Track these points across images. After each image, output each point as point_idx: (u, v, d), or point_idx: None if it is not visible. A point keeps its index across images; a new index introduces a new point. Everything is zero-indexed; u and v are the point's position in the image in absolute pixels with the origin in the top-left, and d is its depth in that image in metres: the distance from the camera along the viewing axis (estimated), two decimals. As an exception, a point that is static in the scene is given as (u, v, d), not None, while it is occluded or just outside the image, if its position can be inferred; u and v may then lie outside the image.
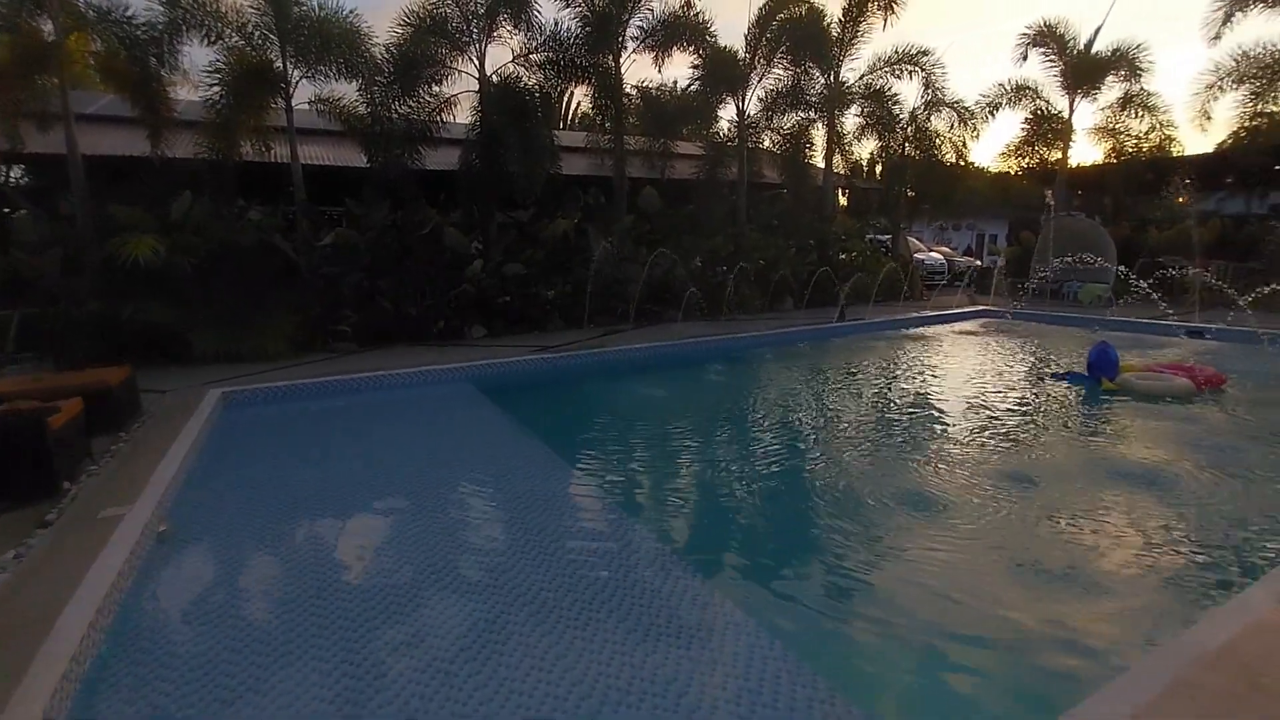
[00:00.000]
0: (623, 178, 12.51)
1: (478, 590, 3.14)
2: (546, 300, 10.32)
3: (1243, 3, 12.42)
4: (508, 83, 10.79)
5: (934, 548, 3.52)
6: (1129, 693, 1.83)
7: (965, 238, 30.90)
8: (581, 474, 4.94)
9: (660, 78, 13.49)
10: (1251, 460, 4.71)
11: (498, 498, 4.50)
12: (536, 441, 5.54)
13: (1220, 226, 14.83)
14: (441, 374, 7.40)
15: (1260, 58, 12.71)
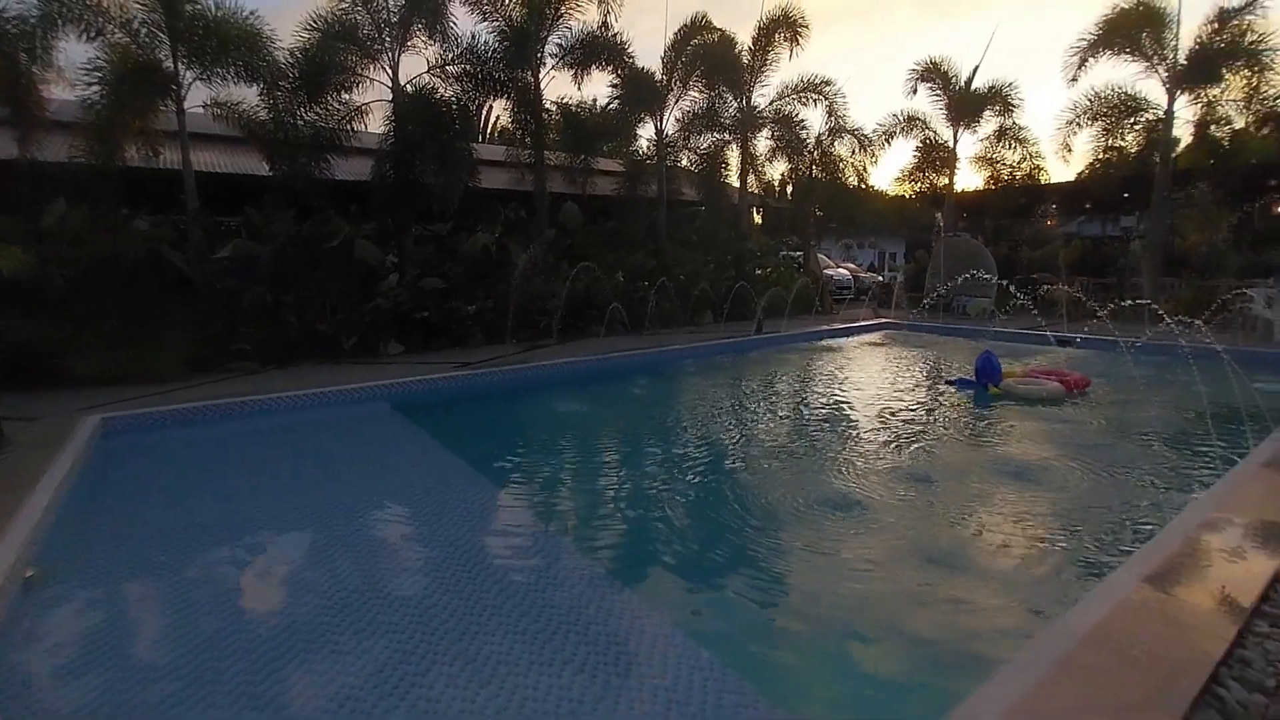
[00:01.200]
0: (544, 193, 12.51)
1: (395, 620, 2.97)
2: (467, 315, 10.09)
3: (1094, 49, 14.11)
4: (424, 93, 10.56)
5: (849, 546, 3.73)
6: (1021, 675, 1.99)
7: (869, 255, 33.00)
8: (506, 493, 4.86)
9: (580, 95, 13.80)
10: (1114, 454, 5.31)
11: (416, 521, 4.34)
12: (458, 461, 5.40)
13: (1081, 247, 16.69)
14: (354, 393, 7.04)
15: (1109, 98, 14.47)
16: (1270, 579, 2.57)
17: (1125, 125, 14.46)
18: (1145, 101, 13.95)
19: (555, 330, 10.42)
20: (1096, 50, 14.01)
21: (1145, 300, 8.85)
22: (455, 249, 11.20)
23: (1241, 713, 1.87)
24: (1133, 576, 2.60)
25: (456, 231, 11.67)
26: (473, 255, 11.10)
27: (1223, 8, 12.66)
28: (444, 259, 10.89)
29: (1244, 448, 4.75)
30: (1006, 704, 1.82)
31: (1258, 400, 6.05)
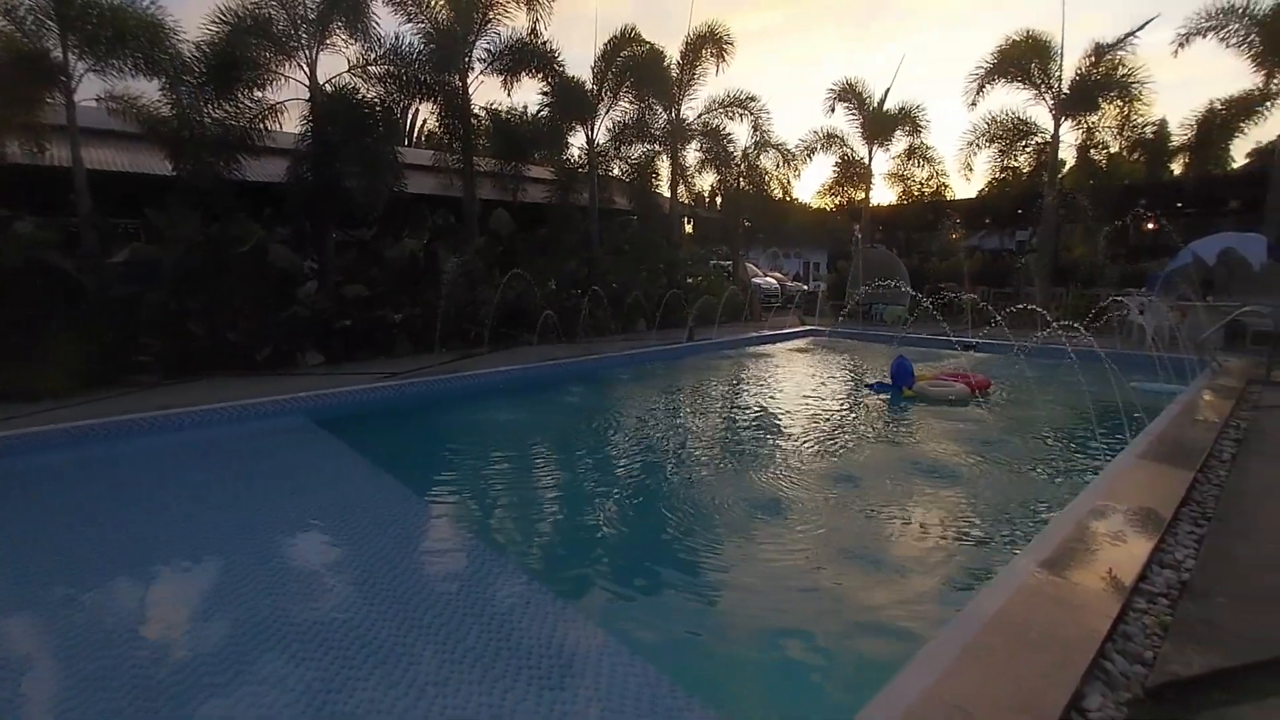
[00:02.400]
0: (473, 199, 12.30)
1: (317, 647, 2.79)
2: (393, 323, 9.75)
3: (991, 77, 15.35)
4: (344, 94, 10.15)
5: (780, 545, 3.87)
6: (933, 661, 2.13)
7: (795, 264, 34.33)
8: (436, 507, 4.72)
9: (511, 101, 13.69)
10: (1011, 450, 5.78)
11: (338, 542, 4.12)
12: (384, 475, 5.19)
13: (982, 259, 18.04)
14: (269, 406, 6.65)
15: (1004, 122, 15.77)
16: (1147, 560, 2.89)
17: (1018, 147, 15.80)
18: (1035, 126, 15.31)
19: (487, 339, 10.24)
20: (993, 77, 15.25)
21: (1037, 308, 9.70)
22: (380, 255, 10.82)
23: (1124, 683, 2.09)
24: (1030, 562, 2.84)
25: (381, 237, 11.28)
26: (399, 261, 10.76)
27: (1098, 43, 14.09)
28: (368, 265, 10.49)
29: (1123, 441, 5.28)
30: (921, 689, 1.95)
31: (1134, 398, 6.75)
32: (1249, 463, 4.46)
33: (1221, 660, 2.17)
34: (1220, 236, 11.19)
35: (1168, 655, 2.21)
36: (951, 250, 18.74)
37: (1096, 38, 14.24)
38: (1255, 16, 12.54)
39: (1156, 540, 3.08)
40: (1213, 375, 7.83)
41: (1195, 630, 2.36)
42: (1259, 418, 5.78)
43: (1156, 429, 5.26)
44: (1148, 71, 13.76)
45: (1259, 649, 2.23)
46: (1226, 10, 12.82)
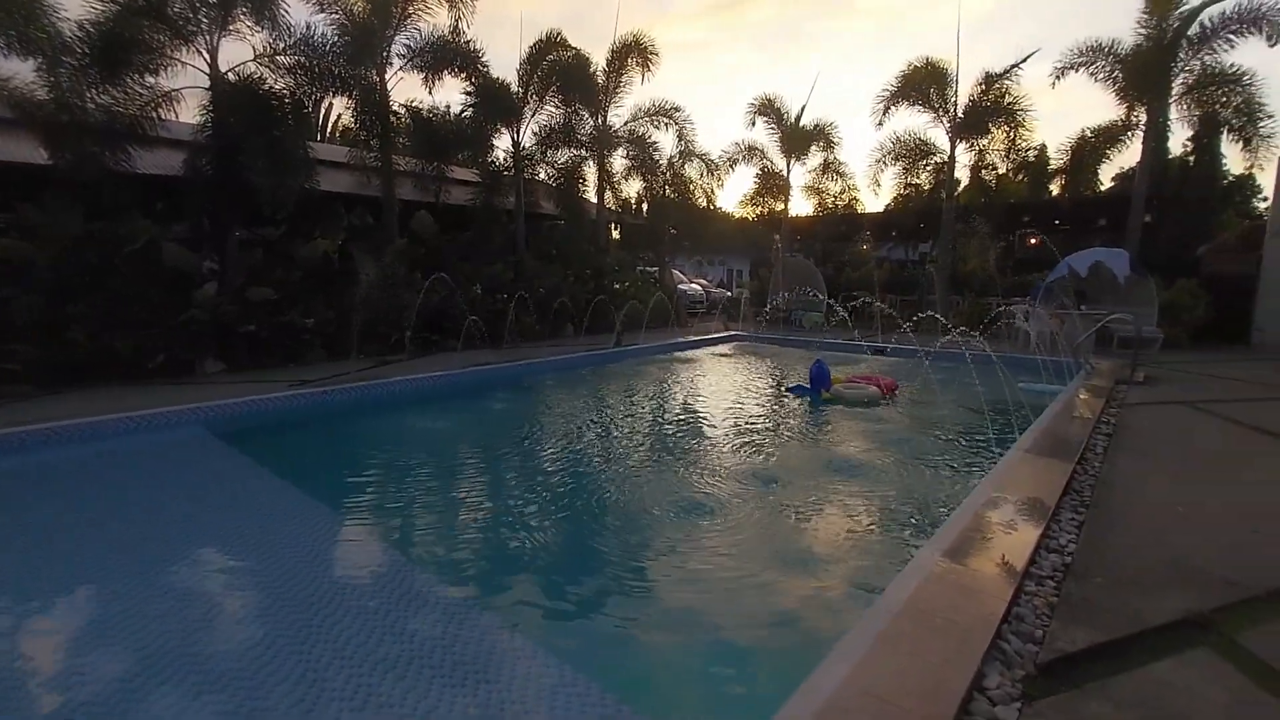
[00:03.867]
0: (392, 198, 11.84)
1: (220, 682, 2.57)
2: (305, 328, 9.22)
3: (895, 99, 16.43)
4: (249, 83, 9.52)
5: (705, 547, 3.95)
6: (851, 650, 2.24)
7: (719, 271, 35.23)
8: (352, 522, 4.46)
9: (432, 100, 13.31)
10: (918, 447, 6.20)
11: (242, 564, 3.84)
12: (295, 491, 4.88)
13: (890, 269, 19.22)
14: (160, 418, 6.06)
15: (908, 142, 16.93)
16: (1035, 546, 3.18)
17: (920, 166, 17.01)
18: (934, 146, 16.53)
19: (408, 344, 9.88)
20: (897, 100, 16.34)
21: (938, 315, 10.45)
22: (290, 255, 10.21)
23: (1019, 661, 2.29)
24: (934, 552, 3.06)
25: (292, 236, 10.64)
26: (311, 263, 10.19)
27: (988, 72, 15.40)
28: (276, 266, 9.87)
29: (1013, 436, 5.77)
30: (839, 679, 2.05)
31: (1021, 397, 7.39)
32: (1118, 455, 4.99)
33: (1101, 635, 2.42)
34: (1091, 251, 12.47)
35: (1055, 633, 2.44)
36: (863, 260, 19.86)
37: (987, 68, 15.60)
38: (1118, 54, 14.11)
39: (1043, 527, 3.39)
40: (1087, 376, 8.71)
41: (1078, 609, 2.63)
42: (1125, 414, 6.49)
43: (1040, 425, 5.78)
44: (1030, 100, 15.21)
45: (1131, 623, 2.51)
46: (1095, 48, 14.35)
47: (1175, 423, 6.27)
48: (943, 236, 16.44)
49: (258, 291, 9.00)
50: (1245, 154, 13.61)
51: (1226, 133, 14.06)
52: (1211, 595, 2.74)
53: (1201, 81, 13.55)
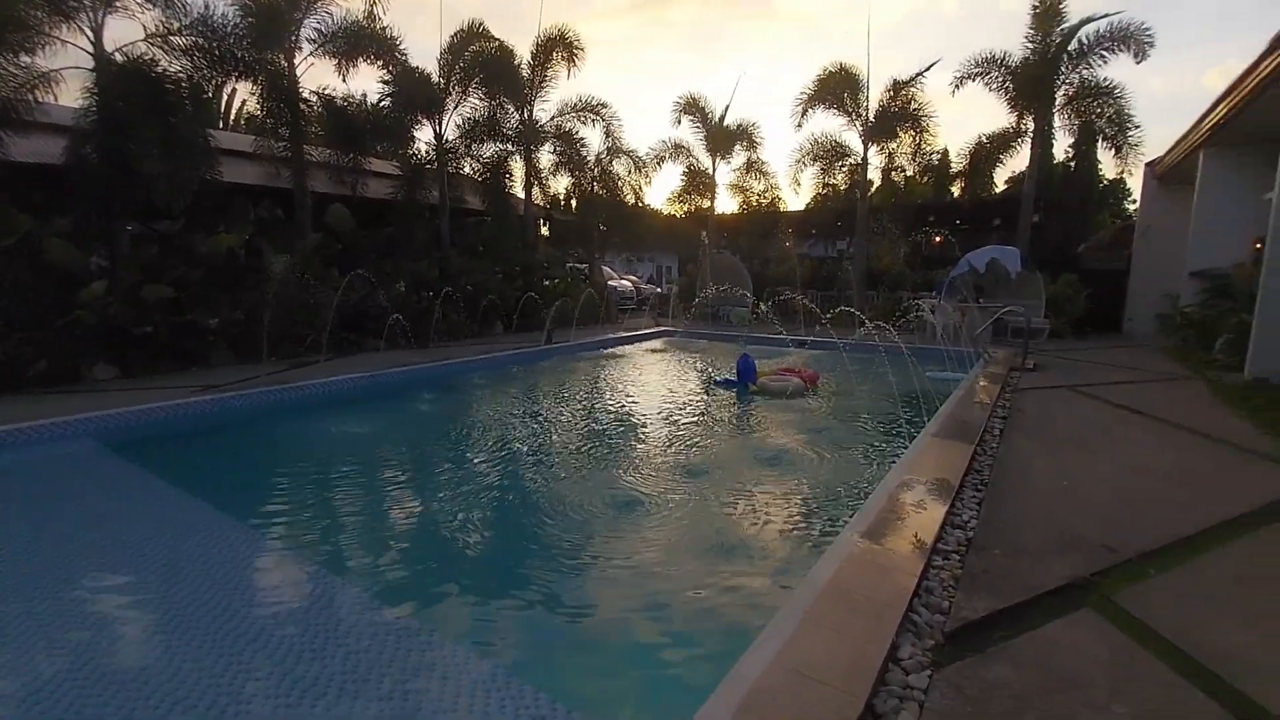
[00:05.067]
0: (304, 191, 11.23)
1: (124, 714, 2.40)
2: (209, 329, 8.60)
3: (813, 102, 17.11)
4: (140, 65, 8.74)
5: (637, 540, 4.03)
6: (779, 631, 2.36)
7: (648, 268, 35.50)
8: (266, 537, 4.19)
9: (347, 88, 12.66)
10: (839, 436, 6.54)
11: (142, 586, 3.54)
12: (200, 505, 4.53)
13: (811, 265, 20.03)
14: (43, 431, 5.49)
15: (825, 144, 17.68)
16: (942, 523, 3.44)
17: (836, 167, 17.80)
18: (849, 149, 17.33)
19: (325, 345, 9.41)
20: (814, 103, 17.01)
21: (854, 309, 11.02)
22: (191, 251, 9.47)
23: (929, 631, 2.49)
24: (853, 534, 3.26)
25: (192, 230, 9.88)
26: (215, 259, 9.50)
27: (896, 80, 16.30)
28: (175, 263, 9.13)
29: (922, 421, 6.20)
30: (767, 660, 2.16)
31: (929, 385, 7.94)
32: (1012, 436, 5.47)
33: (1000, 602, 2.67)
34: (988, 249, 13.50)
35: (960, 603, 2.68)
36: (785, 257, 20.59)
37: (896, 75, 16.51)
38: (1009, 66, 15.29)
39: (949, 506, 3.69)
40: (985, 364, 9.44)
41: (979, 579, 2.89)
42: (1018, 399, 7.10)
43: (946, 411, 6.24)
44: (933, 107, 16.24)
45: (1025, 590, 2.78)
46: (989, 60, 15.48)
47: (1060, 405, 6.92)
48: (858, 235, 17.31)
49: (154, 290, 8.31)
50: (1117, 160, 15.12)
51: (1101, 141, 15.54)
52: (1092, 560, 3.08)
53: (1080, 93, 14.92)
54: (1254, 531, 3.50)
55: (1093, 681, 2.16)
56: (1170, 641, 2.40)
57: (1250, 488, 4.16)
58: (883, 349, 8.35)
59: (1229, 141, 10.67)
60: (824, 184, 18.34)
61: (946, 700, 2.05)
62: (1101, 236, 17.61)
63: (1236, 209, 10.95)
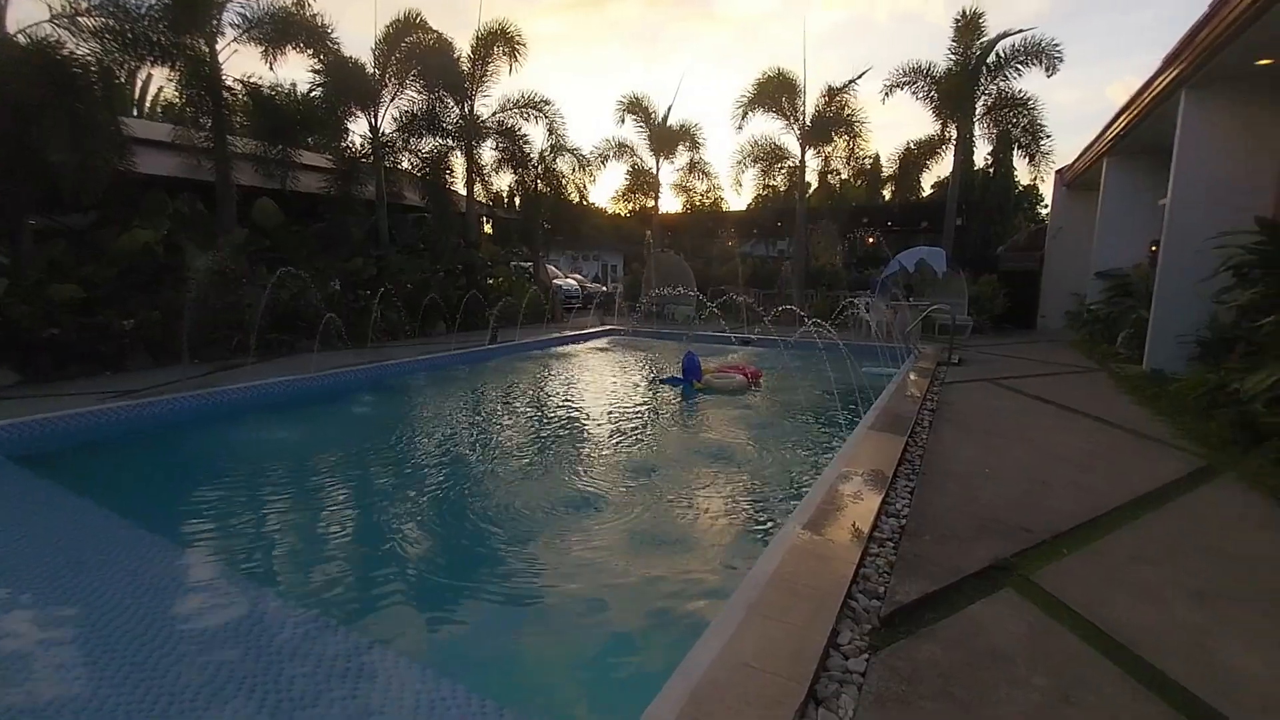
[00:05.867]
0: (229, 184, 10.64)
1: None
2: (123, 331, 8.03)
3: (752, 105, 17.50)
4: (44, 47, 8.05)
5: (587, 541, 4.04)
6: (727, 622, 2.43)
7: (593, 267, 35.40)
8: (192, 552, 3.96)
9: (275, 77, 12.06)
10: (781, 431, 6.76)
11: (56, 607, 3.29)
12: (117, 520, 4.25)
13: (753, 264, 20.51)
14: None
15: (764, 146, 18.12)
16: (877, 512, 3.63)
17: (776, 169, 18.28)
18: (787, 151, 17.83)
19: (253, 347, 8.95)
20: (754, 106, 17.41)
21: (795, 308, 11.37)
22: (103, 248, 8.82)
23: (866, 616, 2.62)
24: (795, 525, 3.39)
25: (104, 225, 9.19)
26: (130, 256, 8.88)
27: (831, 86, 16.88)
28: (85, 260, 8.48)
29: (859, 415, 6.47)
30: (714, 653, 2.22)
31: (865, 380, 8.29)
32: (940, 427, 5.80)
33: (930, 586, 2.84)
34: (916, 250, 14.19)
35: (894, 588, 2.83)
36: (728, 256, 20.99)
37: (830, 81, 17.11)
38: (933, 76, 16.08)
39: (883, 495, 3.88)
40: (915, 359, 9.94)
41: (912, 564, 3.06)
42: (945, 392, 7.52)
43: (880, 405, 6.54)
44: (866, 113, 16.94)
45: (952, 573, 2.97)
46: (915, 70, 16.24)
47: (982, 397, 7.37)
48: (797, 235, 17.84)
49: (61, 289, 7.70)
50: (1031, 167, 16.17)
51: (1017, 148, 16.58)
52: (1012, 542, 3.31)
53: (998, 103, 15.87)
54: (1153, 510, 3.85)
55: (1013, 656, 2.34)
56: (1082, 616, 2.62)
57: (1148, 470, 4.57)
58: (822, 346, 8.66)
59: (1128, 151, 11.60)
60: (764, 185, 18.81)
61: (882, 681, 2.18)
62: (1018, 239, 18.78)
63: (1135, 214, 11.93)
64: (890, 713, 2.02)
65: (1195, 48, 7.01)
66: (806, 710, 2.01)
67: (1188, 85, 7.79)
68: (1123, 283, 11.36)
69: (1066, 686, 2.16)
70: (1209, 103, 7.80)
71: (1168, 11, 66.64)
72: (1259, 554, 3.25)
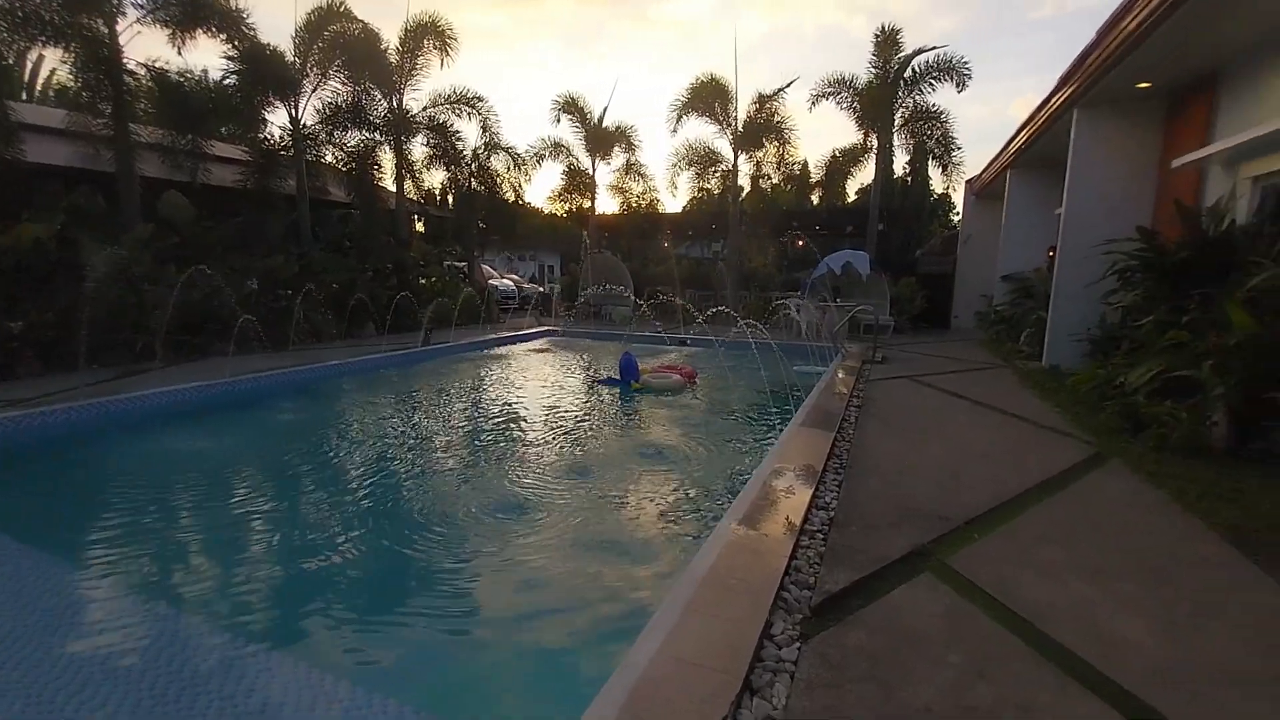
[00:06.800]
0: (132, 175, 9.87)
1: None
2: (11, 335, 7.29)
3: (686, 109, 17.78)
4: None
5: (526, 546, 3.98)
6: (663, 622, 2.46)
7: (530, 267, 34.93)
8: (91, 574, 3.66)
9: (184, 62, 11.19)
10: (717, 429, 6.91)
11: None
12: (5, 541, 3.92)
13: (689, 265, 20.82)
14: None
15: (698, 149, 18.44)
16: (808, 506, 3.78)
17: (710, 172, 18.65)
18: (721, 155, 18.22)
19: (160, 351, 8.33)
20: (688, 110, 17.70)
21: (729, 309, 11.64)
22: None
23: (798, 606, 2.73)
24: (730, 521, 3.49)
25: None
26: (19, 253, 8.07)
27: (761, 93, 17.38)
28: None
29: (790, 413, 6.70)
30: (652, 652, 2.25)
31: (796, 379, 8.59)
32: (865, 423, 6.09)
33: (856, 574, 2.99)
34: (842, 253, 14.82)
35: (824, 578, 2.97)
36: (664, 257, 21.22)
37: (760, 88, 17.62)
38: (856, 88, 16.85)
39: (814, 489, 4.05)
40: (842, 358, 10.38)
41: (840, 554, 3.21)
42: (869, 389, 7.90)
43: (810, 402, 6.81)
44: (795, 121, 17.54)
45: (876, 561, 3.14)
46: (839, 81, 16.96)
47: (902, 393, 7.79)
48: (730, 237, 18.25)
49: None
50: (944, 177, 17.23)
51: (932, 159, 17.60)
52: (930, 529, 3.53)
53: (914, 116, 16.80)
54: (1052, 495, 4.19)
55: (931, 637, 2.50)
56: (992, 596, 2.83)
57: (1048, 459, 4.96)
58: (755, 346, 8.92)
59: (1029, 164, 12.55)
60: (699, 188, 19.15)
61: (813, 668, 2.28)
62: (934, 244, 19.93)
63: (1036, 222, 12.90)
64: (820, 697, 2.13)
65: (1084, 71, 7.68)
66: (742, 701, 2.08)
67: (1079, 105, 8.51)
68: (1024, 285, 12.25)
69: (979, 663, 2.33)
70: (1098, 121, 8.56)
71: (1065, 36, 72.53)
72: (1141, 533, 3.61)
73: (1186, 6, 5.54)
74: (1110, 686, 2.20)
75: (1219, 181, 7.19)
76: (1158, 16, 5.82)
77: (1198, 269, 6.07)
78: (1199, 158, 7.00)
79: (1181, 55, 6.83)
